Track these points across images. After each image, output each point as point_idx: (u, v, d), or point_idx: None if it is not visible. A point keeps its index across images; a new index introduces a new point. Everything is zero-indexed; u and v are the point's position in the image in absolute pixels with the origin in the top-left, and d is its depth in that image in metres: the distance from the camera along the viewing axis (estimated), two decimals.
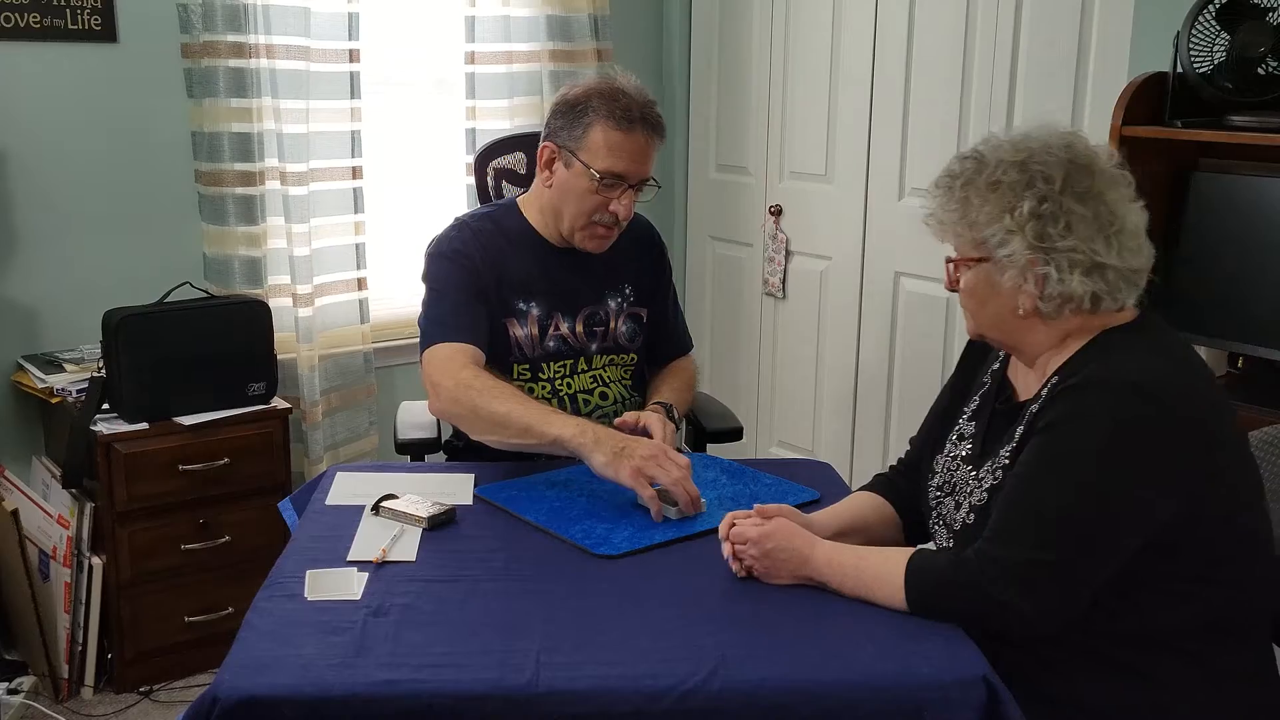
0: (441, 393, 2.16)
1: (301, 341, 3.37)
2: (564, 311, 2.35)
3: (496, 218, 2.39)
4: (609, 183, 2.23)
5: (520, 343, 2.32)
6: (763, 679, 1.45)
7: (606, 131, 2.21)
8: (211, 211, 3.26)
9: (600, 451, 1.96)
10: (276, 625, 1.56)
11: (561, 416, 2.07)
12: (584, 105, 2.24)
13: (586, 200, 2.25)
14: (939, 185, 1.69)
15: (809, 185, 3.76)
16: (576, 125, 2.24)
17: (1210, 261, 2.52)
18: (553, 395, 2.33)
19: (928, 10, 3.32)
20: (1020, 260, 1.59)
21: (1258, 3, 2.40)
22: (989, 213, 1.61)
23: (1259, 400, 2.37)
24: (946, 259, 1.71)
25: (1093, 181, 1.60)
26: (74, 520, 2.87)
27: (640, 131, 2.23)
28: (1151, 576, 1.55)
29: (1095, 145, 1.66)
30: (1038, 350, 1.67)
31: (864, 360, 3.66)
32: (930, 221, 1.71)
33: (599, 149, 2.22)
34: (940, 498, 1.78)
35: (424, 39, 3.73)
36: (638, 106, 2.24)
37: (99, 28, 3.10)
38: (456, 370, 2.16)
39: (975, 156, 1.66)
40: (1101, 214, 1.58)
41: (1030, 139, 1.64)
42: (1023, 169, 1.60)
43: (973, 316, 1.72)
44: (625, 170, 2.23)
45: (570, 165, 2.25)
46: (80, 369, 3.01)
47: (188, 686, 2.98)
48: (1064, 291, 1.58)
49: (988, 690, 1.45)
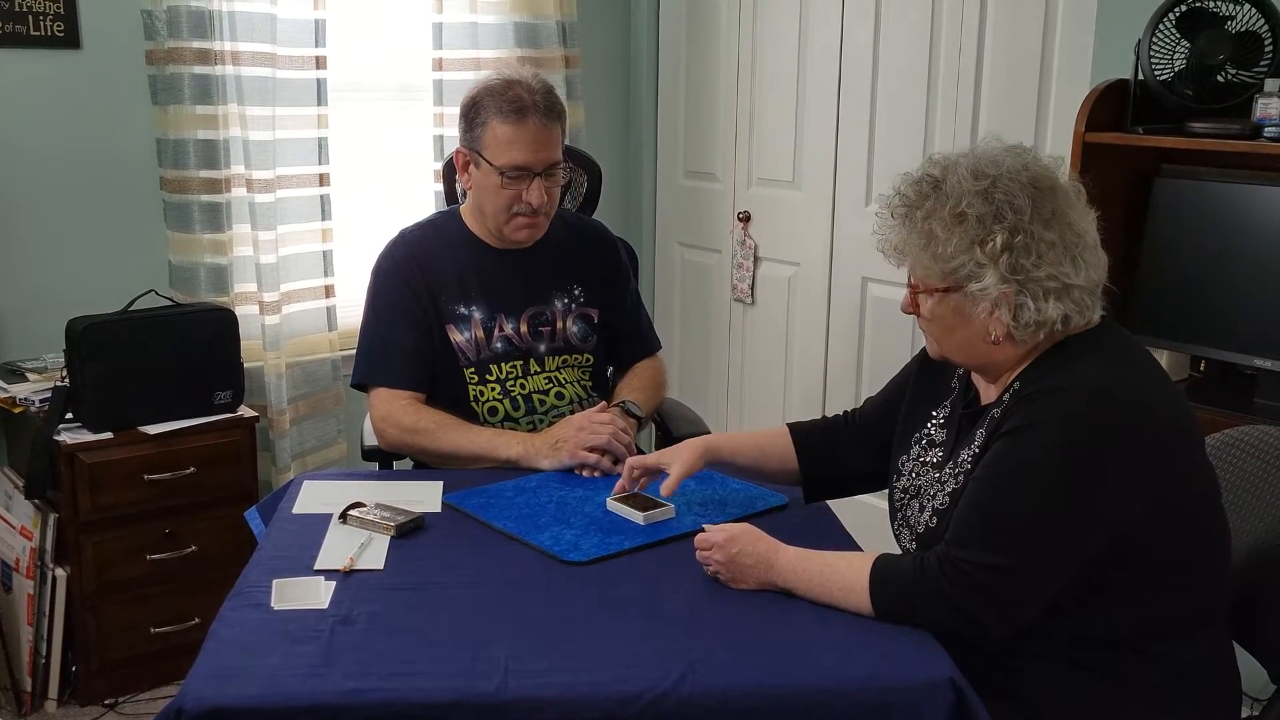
0: (388, 439, 2.32)
1: (268, 349, 3.34)
2: (506, 312, 2.38)
3: (438, 225, 2.45)
4: (514, 175, 2.27)
5: (463, 347, 2.35)
6: (731, 684, 1.45)
7: (500, 127, 2.25)
8: (177, 218, 3.23)
9: (542, 456, 2.17)
10: (243, 635, 1.55)
11: (505, 438, 2.23)
12: (478, 104, 2.29)
13: (499, 196, 2.29)
14: (895, 213, 1.66)
15: (777, 191, 3.78)
16: (475, 126, 2.29)
17: (1171, 266, 2.55)
18: (504, 396, 2.35)
19: (893, 18, 3.34)
20: (994, 293, 1.58)
21: (1216, 11, 2.43)
22: (956, 245, 1.59)
23: (1220, 403, 2.40)
24: (908, 283, 1.69)
25: (1056, 203, 1.59)
26: (37, 531, 2.84)
27: (533, 119, 2.25)
28: (1110, 580, 1.57)
29: (1046, 159, 1.66)
30: (1003, 368, 1.68)
31: (832, 365, 3.68)
32: (886, 248, 1.69)
33: (497, 145, 2.26)
34: (905, 500, 1.79)
35: (391, 45, 3.72)
36: (529, 94, 2.26)
37: (62, 34, 3.07)
38: (398, 417, 2.29)
39: (931, 181, 1.63)
40: (1067, 236, 1.59)
41: (985, 162, 1.61)
42: (987, 199, 1.58)
43: (938, 341, 1.71)
44: (525, 160, 2.26)
45: (479, 165, 2.31)
46: (43, 378, 2.98)
47: (153, 698, 2.95)
48: (1039, 319, 1.58)
49: (954, 692, 1.46)
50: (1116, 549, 1.54)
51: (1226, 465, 1.88)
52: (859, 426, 2.00)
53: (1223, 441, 1.92)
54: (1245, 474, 1.88)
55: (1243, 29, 2.41)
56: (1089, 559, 1.54)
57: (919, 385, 1.89)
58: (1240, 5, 2.41)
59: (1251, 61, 2.41)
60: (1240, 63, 2.41)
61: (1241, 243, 2.43)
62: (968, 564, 1.53)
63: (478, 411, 2.34)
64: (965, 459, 1.67)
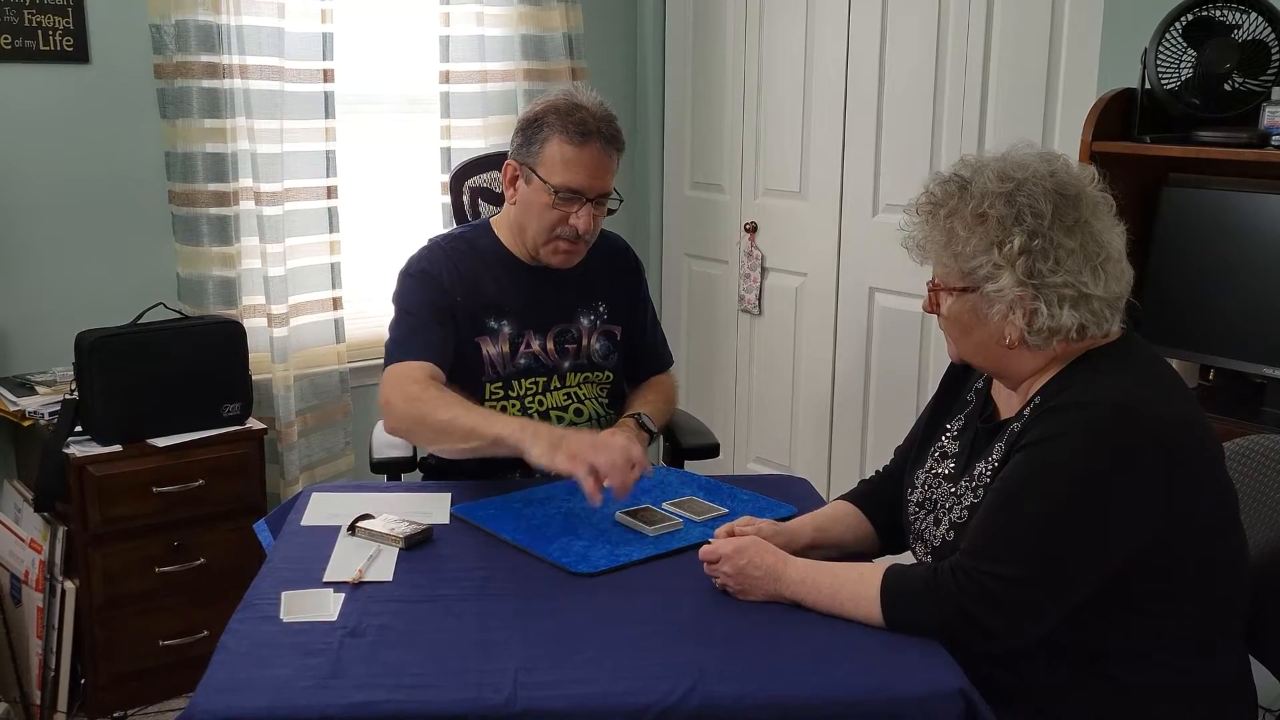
0: (392, 410, 2.19)
1: (276, 361, 3.35)
2: (535, 329, 2.36)
3: (470, 237, 2.41)
4: (565, 197, 2.24)
5: (493, 360, 2.32)
6: (741, 695, 1.45)
7: (561, 146, 2.23)
8: (185, 232, 3.24)
9: (537, 444, 1.96)
10: (252, 647, 1.55)
11: (504, 418, 2.10)
12: (540, 121, 2.26)
13: (546, 216, 2.26)
14: (920, 211, 1.67)
15: (784, 202, 3.78)
16: (534, 141, 2.26)
17: (1180, 274, 2.54)
18: (523, 413, 2.33)
19: (899, 27, 3.35)
20: (1009, 295, 1.58)
21: (1224, 20, 2.43)
22: (976, 245, 1.59)
23: (1229, 411, 2.39)
24: (929, 282, 1.70)
25: (1080, 212, 1.59)
26: (46, 544, 2.85)
27: (595, 145, 2.24)
28: (1129, 594, 1.56)
29: (1077, 168, 1.65)
30: (1022, 376, 1.67)
31: (840, 376, 3.68)
32: (909, 245, 1.69)
33: (555, 164, 2.24)
34: (920, 514, 1.79)
35: (398, 58, 3.74)
36: (594, 120, 2.25)
37: (71, 49, 3.09)
38: (406, 385, 2.18)
39: (958, 182, 1.63)
40: (1089, 245, 1.58)
41: (1013, 165, 1.61)
42: (1010, 201, 1.58)
43: (955, 343, 1.72)
44: (581, 184, 2.24)
45: (530, 181, 2.28)
46: (52, 391, 2.98)
47: (162, 711, 2.95)
48: (1052, 325, 1.58)
49: (965, 704, 1.45)
50: (1135, 563, 1.54)
51: (1236, 475, 1.87)
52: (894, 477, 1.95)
53: (1232, 451, 1.91)
54: (1255, 483, 1.87)
55: (1250, 38, 2.41)
56: (1106, 573, 1.53)
57: (938, 404, 1.89)
58: (1247, 14, 2.41)
59: (1259, 70, 2.40)
60: (1248, 71, 2.41)
61: (1250, 251, 2.42)
62: (980, 572, 1.53)
63: None
64: (984, 472, 1.66)
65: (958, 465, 1.75)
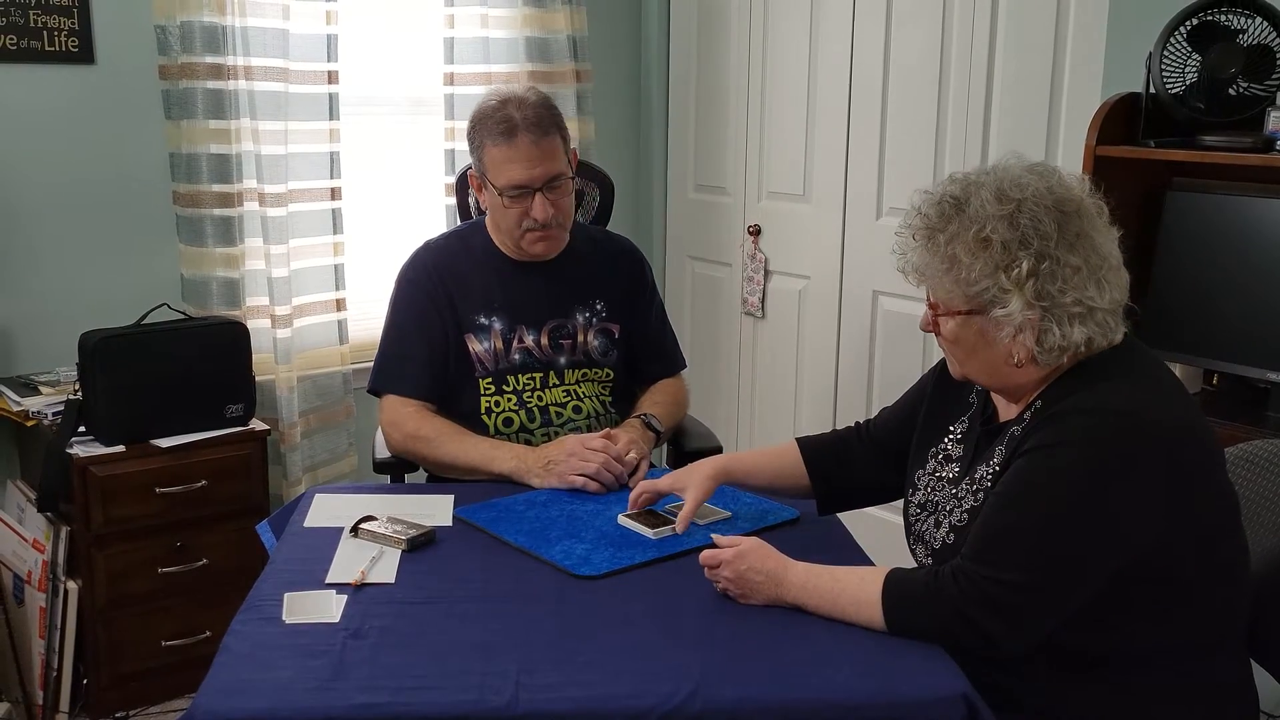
0: (392, 443, 2.37)
1: (280, 362, 3.35)
2: (527, 324, 2.39)
3: (464, 235, 2.49)
4: (515, 194, 2.30)
5: (481, 357, 2.36)
6: (743, 698, 1.45)
7: (493, 149, 2.30)
8: (189, 232, 3.24)
9: (533, 475, 2.17)
10: (254, 648, 1.55)
11: (501, 452, 2.24)
12: (473, 130, 2.35)
13: (508, 215, 2.33)
14: (916, 234, 1.63)
15: (787, 205, 3.78)
16: (475, 151, 2.35)
17: (1183, 279, 2.54)
18: (520, 407, 2.36)
19: (904, 30, 3.35)
20: (1018, 319, 1.57)
21: (1229, 25, 2.43)
22: (980, 270, 1.56)
23: (1233, 416, 2.39)
24: (928, 302, 1.68)
25: (1080, 225, 1.57)
26: (49, 544, 2.85)
27: (525, 138, 2.27)
28: (1130, 599, 1.56)
29: (1069, 177, 1.63)
30: (1025, 389, 1.66)
31: (843, 379, 3.68)
32: (907, 269, 1.67)
33: (496, 167, 2.30)
34: (921, 515, 1.79)
35: (402, 60, 3.74)
36: (518, 113, 2.28)
37: (76, 49, 3.09)
38: (403, 424, 2.34)
39: (953, 203, 1.60)
40: (1092, 259, 1.57)
41: (1010, 184, 1.58)
42: (1012, 224, 1.55)
43: (960, 363, 1.70)
44: (522, 179, 2.29)
45: (485, 187, 2.35)
46: (56, 391, 2.98)
47: (164, 712, 2.95)
48: (1063, 344, 1.57)
49: (967, 708, 1.45)
50: (1137, 569, 1.53)
51: (1238, 479, 1.87)
52: (872, 437, 1.99)
53: (1235, 456, 1.91)
54: (1257, 488, 1.87)
55: (1254, 42, 2.41)
56: (1107, 579, 1.53)
57: (935, 398, 1.88)
58: (1252, 19, 2.41)
59: (1263, 75, 2.40)
60: (1252, 76, 2.41)
61: (1253, 256, 2.42)
62: (981, 577, 1.53)
63: (489, 424, 2.34)
64: (985, 476, 1.66)
65: (960, 468, 1.75)
